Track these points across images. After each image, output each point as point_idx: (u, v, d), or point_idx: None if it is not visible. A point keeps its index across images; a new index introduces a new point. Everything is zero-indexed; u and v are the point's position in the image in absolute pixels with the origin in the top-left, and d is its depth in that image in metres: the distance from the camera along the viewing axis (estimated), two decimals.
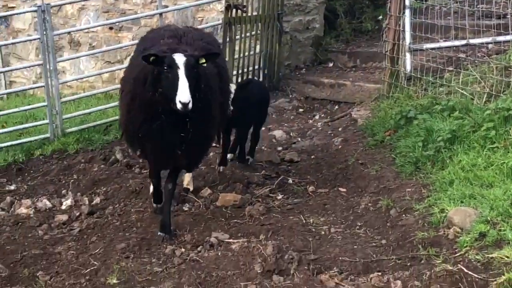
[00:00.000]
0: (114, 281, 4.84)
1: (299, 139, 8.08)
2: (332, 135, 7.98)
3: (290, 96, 9.50)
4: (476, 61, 7.66)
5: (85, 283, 4.97)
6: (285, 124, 8.34)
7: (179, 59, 4.72)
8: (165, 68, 4.67)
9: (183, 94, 4.55)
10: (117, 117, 7.71)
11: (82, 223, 5.90)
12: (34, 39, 9.03)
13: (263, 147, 7.22)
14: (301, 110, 9.18)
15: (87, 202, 6.23)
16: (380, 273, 4.24)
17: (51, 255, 5.41)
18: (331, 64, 10.08)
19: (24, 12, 10.28)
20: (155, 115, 4.99)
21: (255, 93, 6.58)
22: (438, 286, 3.97)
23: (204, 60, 4.91)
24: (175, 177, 5.64)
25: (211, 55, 5.17)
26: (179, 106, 4.58)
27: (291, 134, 8.15)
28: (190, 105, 4.61)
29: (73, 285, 5.09)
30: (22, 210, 6.22)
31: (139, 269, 4.92)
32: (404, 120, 6.76)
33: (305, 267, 4.40)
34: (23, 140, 7.89)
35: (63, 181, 7.00)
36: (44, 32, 7.64)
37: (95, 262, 5.15)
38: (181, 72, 4.65)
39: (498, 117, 5.94)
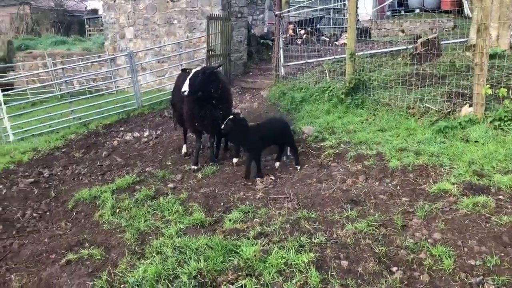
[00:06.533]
0: (168, 163, 6.82)
1: (239, 103, 10.69)
2: (252, 101, 10.69)
3: (234, 86, 12.39)
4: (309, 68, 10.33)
5: (157, 164, 6.91)
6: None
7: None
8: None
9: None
10: (164, 98, 10.88)
11: (153, 141, 8.59)
12: (126, 67, 13.62)
13: None
14: (239, 92, 12.12)
15: (154, 133, 9.12)
16: None
17: (142, 155, 7.73)
18: (251, 73, 13.65)
19: (121, 55, 15.29)
20: None
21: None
22: None
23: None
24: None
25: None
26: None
27: (235, 102, 10.09)
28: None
29: (152, 166, 6.83)
30: (127, 137, 9.20)
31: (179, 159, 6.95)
32: (282, 94, 9.86)
33: None
34: (126, 108, 11.68)
35: (143, 125, 10.13)
36: (130, 64, 11.90)
37: (160, 156, 7.41)
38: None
39: (318, 91, 8.97)
